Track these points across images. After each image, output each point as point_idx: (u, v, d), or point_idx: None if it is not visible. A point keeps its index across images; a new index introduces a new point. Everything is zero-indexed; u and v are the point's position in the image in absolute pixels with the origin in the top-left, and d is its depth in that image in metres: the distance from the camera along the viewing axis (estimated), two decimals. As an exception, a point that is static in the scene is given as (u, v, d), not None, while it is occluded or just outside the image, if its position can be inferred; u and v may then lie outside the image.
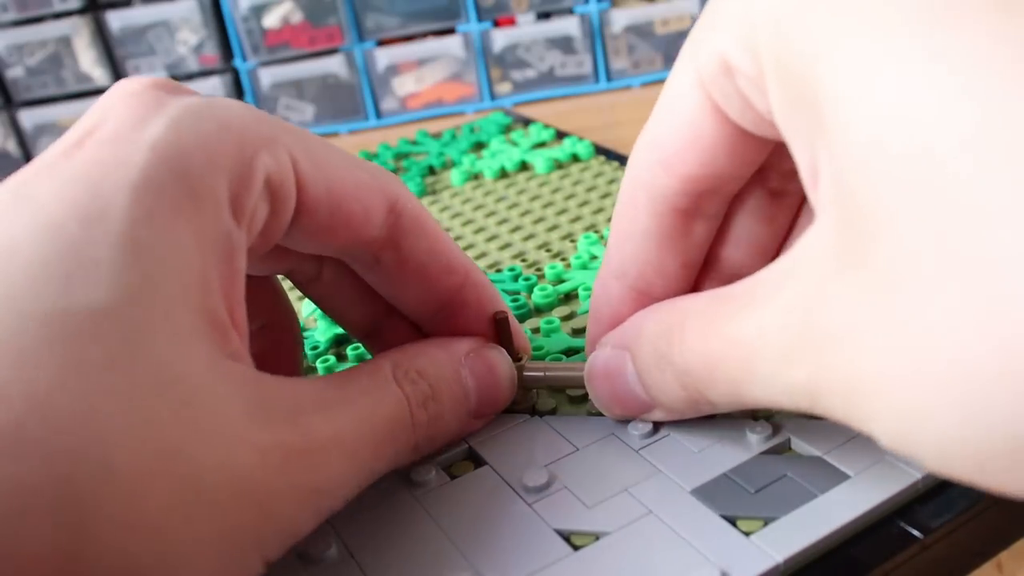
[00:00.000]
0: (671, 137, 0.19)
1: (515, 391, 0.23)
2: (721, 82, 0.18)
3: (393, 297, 0.23)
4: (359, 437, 0.19)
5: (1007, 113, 0.12)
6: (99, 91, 0.66)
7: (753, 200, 0.22)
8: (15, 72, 0.65)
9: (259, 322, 0.24)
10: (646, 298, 0.22)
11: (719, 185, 0.20)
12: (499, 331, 0.23)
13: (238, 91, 0.66)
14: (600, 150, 0.43)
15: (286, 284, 0.25)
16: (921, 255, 0.13)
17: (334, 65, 0.64)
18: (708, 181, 0.20)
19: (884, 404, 0.14)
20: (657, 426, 0.22)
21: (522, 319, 0.29)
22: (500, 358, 0.23)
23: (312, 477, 0.17)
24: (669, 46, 0.62)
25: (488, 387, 0.22)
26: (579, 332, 0.28)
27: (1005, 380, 0.12)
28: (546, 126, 0.47)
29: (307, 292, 0.24)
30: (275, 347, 0.24)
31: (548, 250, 0.34)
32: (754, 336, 0.17)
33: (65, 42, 0.65)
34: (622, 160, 0.42)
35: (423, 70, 0.64)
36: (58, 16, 0.64)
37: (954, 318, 0.12)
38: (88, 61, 0.65)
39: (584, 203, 0.38)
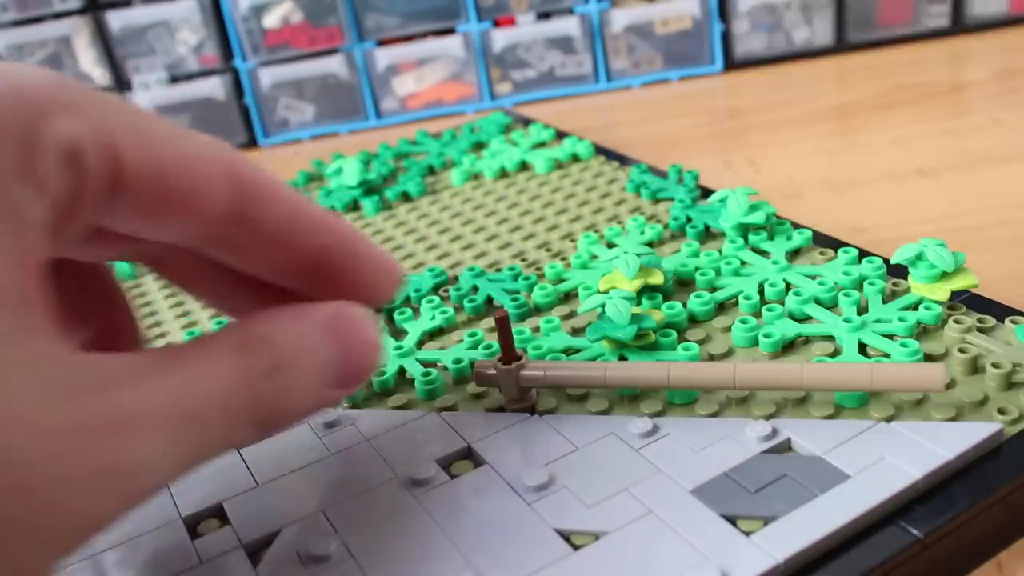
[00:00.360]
0: None
1: (382, 357, 0.21)
2: None
3: (256, 270, 0.21)
4: (176, 412, 0.17)
5: None
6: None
7: None
8: (15, 72, 0.65)
9: (93, 329, 0.22)
10: None
11: None
12: (499, 331, 0.23)
13: (238, 91, 0.66)
14: (600, 150, 0.43)
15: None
16: None
17: (334, 65, 0.64)
18: None
19: None
20: (657, 425, 0.22)
21: (522, 318, 0.29)
22: (365, 320, 0.21)
23: (110, 460, 0.16)
24: (669, 46, 0.62)
25: (351, 354, 0.20)
26: (579, 331, 0.28)
27: None
28: (546, 126, 0.47)
29: (164, 275, 0.23)
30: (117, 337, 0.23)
31: (548, 250, 0.34)
32: None
33: (65, 42, 0.65)
34: (622, 160, 0.42)
35: (423, 70, 0.64)
36: (58, 16, 0.64)
37: None
38: (88, 61, 0.65)
39: (584, 203, 0.38)
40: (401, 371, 0.27)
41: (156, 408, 0.17)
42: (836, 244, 0.31)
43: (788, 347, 0.25)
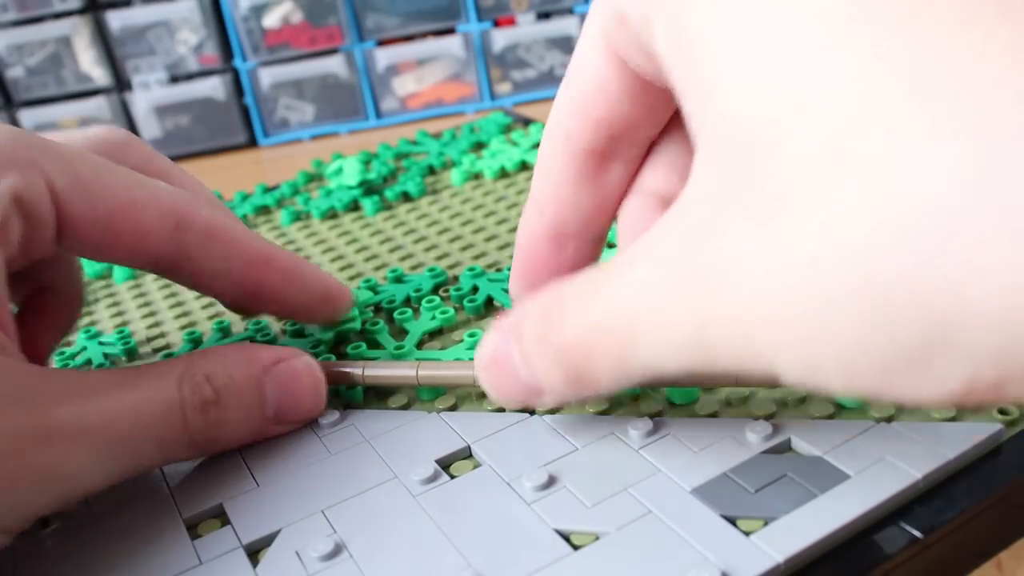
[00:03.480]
0: (581, 84, 0.20)
1: (324, 401, 0.24)
2: (619, 31, 0.18)
3: (204, 292, 0.25)
4: (110, 430, 0.20)
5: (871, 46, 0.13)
6: (99, 91, 0.66)
7: (678, 133, 0.21)
8: (15, 72, 0.65)
9: (33, 286, 0.26)
10: (563, 237, 0.22)
11: (630, 130, 0.20)
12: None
13: (238, 91, 0.66)
14: (600, 150, 0.43)
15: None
16: (808, 164, 0.13)
17: (334, 65, 0.64)
18: (618, 126, 0.20)
19: (784, 329, 0.14)
20: (657, 425, 0.22)
21: (522, 319, 0.29)
22: (305, 369, 0.24)
23: (49, 463, 0.19)
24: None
25: (290, 396, 0.23)
26: (579, 332, 0.28)
27: (907, 275, 0.12)
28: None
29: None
30: (47, 312, 0.26)
31: (548, 250, 0.34)
32: (638, 292, 0.16)
33: (65, 42, 0.65)
34: (622, 160, 0.42)
35: (423, 70, 0.64)
36: (58, 16, 0.64)
37: (850, 218, 0.12)
38: (88, 61, 0.65)
39: (584, 203, 0.38)
40: (401, 371, 0.27)
41: (90, 425, 0.19)
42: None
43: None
